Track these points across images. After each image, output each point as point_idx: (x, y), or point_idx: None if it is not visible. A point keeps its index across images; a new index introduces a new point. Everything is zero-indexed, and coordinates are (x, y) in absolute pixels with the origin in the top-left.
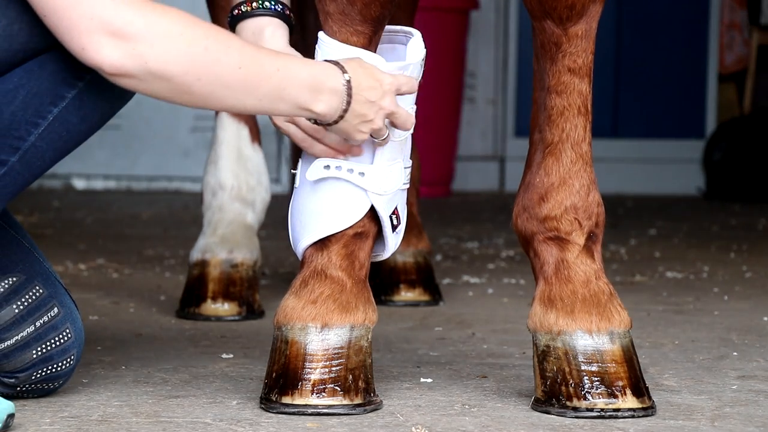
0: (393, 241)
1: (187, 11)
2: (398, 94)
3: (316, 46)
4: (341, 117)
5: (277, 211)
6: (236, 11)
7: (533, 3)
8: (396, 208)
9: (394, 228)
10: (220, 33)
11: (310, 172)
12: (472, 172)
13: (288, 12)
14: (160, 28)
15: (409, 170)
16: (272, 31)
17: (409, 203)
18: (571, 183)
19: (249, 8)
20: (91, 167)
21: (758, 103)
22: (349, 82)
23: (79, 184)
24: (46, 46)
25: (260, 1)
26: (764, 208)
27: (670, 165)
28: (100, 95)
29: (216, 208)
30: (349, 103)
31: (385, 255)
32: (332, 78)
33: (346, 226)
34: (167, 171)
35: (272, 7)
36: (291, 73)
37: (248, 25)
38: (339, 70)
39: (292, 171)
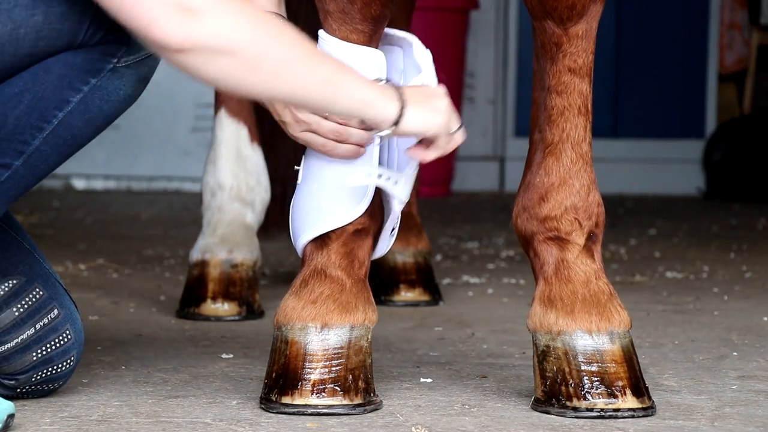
0: (388, 243)
1: None
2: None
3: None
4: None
5: None
6: None
7: (534, 3)
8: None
9: (392, 230)
10: (274, 17)
11: (351, 178)
12: (472, 172)
13: None
14: (225, 3)
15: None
16: None
17: (409, 203)
18: (571, 183)
19: None
20: (91, 167)
21: (758, 103)
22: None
23: (79, 184)
24: (52, 50)
25: None
26: (764, 208)
27: (670, 165)
28: (105, 99)
29: (215, 209)
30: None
31: (376, 255)
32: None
33: (346, 222)
34: (167, 171)
35: None
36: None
37: None
38: (396, 96)
39: (295, 168)
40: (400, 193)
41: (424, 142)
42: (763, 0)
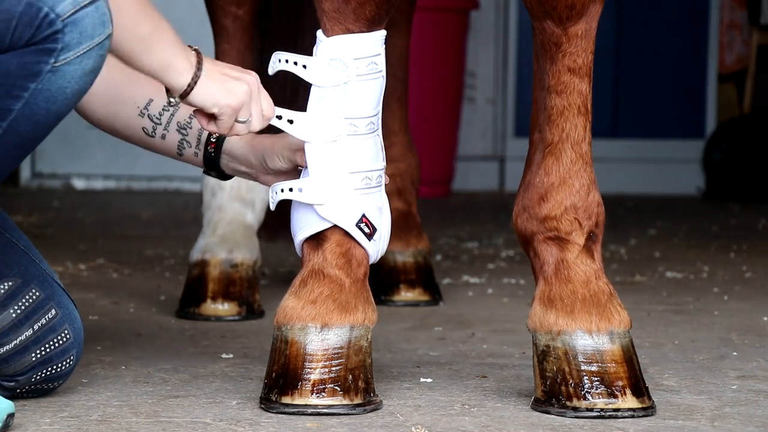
0: (372, 248)
1: (186, 11)
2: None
3: (315, 46)
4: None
5: None
6: None
7: (533, 3)
8: (364, 215)
9: (368, 236)
10: None
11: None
12: (472, 172)
13: None
14: None
15: (365, 174)
16: None
17: (409, 203)
18: (571, 183)
19: None
20: (91, 167)
21: (758, 103)
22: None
23: (79, 184)
24: None
25: None
26: (764, 208)
27: (670, 165)
28: (50, 101)
29: (216, 208)
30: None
31: (370, 260)
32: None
33: (332, 224)
34: (167, 171)
35: None
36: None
37: None
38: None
39: (298, 167)
40: (311, 199)
41: (209, 114)
42: (763, 0)
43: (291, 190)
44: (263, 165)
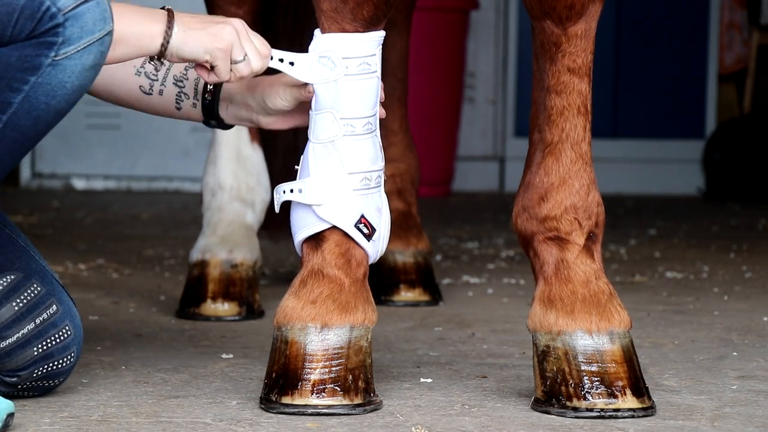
0: (371, 249)
1: (187, 11)
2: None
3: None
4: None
5: None
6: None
7: (533, 3)
8: (362, 216)
9: (367, 237)
10: None
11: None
12: (472, 172)
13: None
14: None
15: (364, 175)
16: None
17: (408, 203)
18: (570, 183)
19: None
20: (91, 167)
21: (758, 103)
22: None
23: (79, 184)
24: None
25: None
26: (764, 208)
27: (670, 165)
28: (50, 95)
29: (215, 209)
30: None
31: (369, 261)
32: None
33: (331, 224)
34: (167, 171)
35: None
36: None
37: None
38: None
39: (296, 167)
40: (311, 200)
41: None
42: (763, 0)
43: (292, 191)
44: (263, 106)
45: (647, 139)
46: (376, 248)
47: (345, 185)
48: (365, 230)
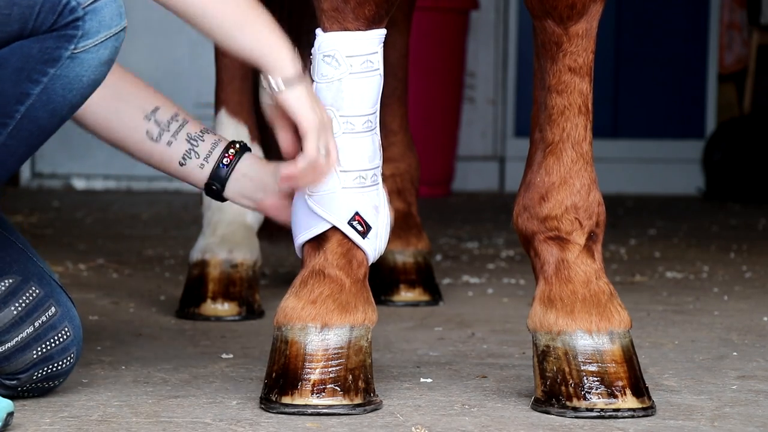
0: (367, 247)
1: None
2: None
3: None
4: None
5: None
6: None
7: (534, 2)
8: (356, 213)
9: (361, 234)
10: None
11: None
12: (472, 172)
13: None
14: None
15: (358, 173)
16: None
17: (408, 203)
18: (571, 182)
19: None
20: (91, 167)
21: (758, 103)
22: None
23: (79, 184)
24: (2, 39)
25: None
26: (764, 208)
27: (670, 165)
28: (67, 88)
29: (215, 209)
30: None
31: (368, 260)
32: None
33: (331, 224)
34: None
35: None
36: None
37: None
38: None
39: None
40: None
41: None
42: (763, 0)
43: None
44: (272, 187)
45: (647, 139)
46: (373, 246)
47: (337, 182)
48: (359, 227)
